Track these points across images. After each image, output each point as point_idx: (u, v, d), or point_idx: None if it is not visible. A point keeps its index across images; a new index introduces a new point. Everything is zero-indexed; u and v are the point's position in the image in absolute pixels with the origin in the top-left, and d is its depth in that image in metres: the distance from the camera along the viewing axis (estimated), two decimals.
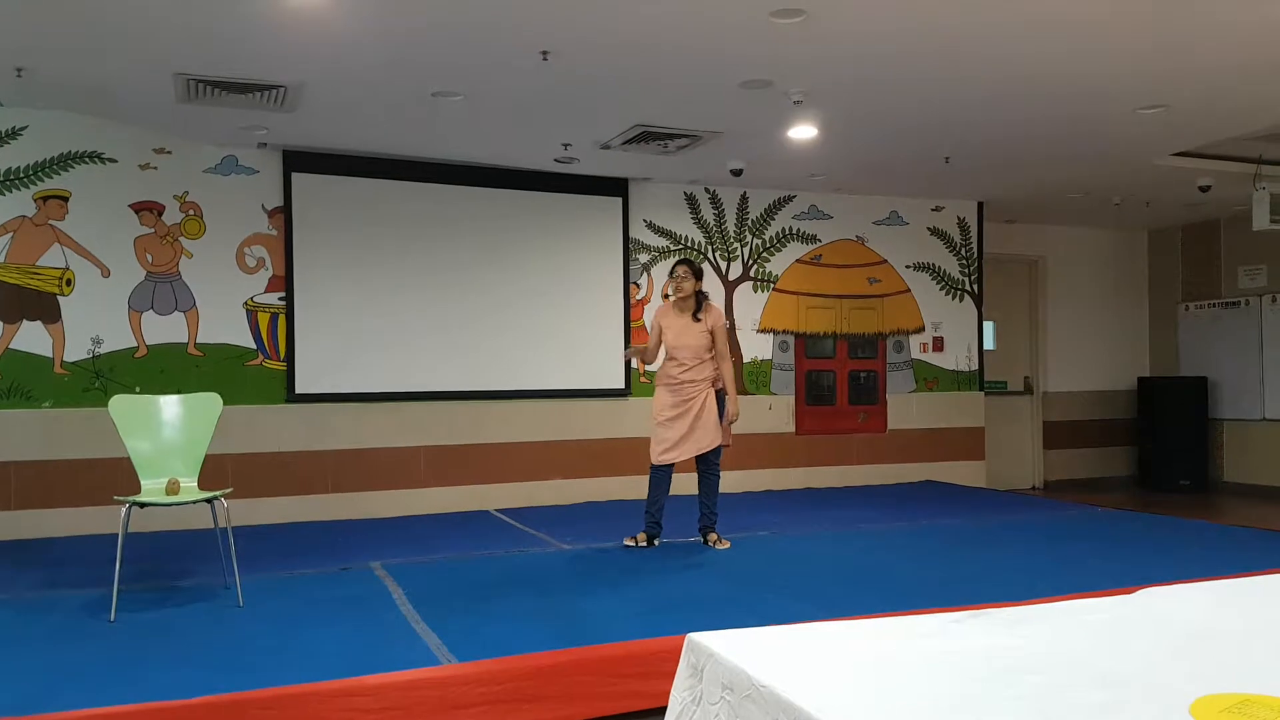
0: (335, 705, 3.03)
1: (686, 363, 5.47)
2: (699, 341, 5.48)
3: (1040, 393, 9.82)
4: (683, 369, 5.48)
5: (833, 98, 5.65)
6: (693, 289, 5.55)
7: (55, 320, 6.14)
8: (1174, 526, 6.39)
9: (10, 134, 6.01)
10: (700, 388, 5.47)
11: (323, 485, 6.75)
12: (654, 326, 5.68)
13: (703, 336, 5.49)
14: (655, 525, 5.58)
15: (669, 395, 5.49)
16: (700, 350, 5.48)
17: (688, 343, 5.49)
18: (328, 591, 4.43)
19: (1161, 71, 5.21)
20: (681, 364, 5.48)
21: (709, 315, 5.55)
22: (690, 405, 5.45)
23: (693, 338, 5.49)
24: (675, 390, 5.48)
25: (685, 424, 5.44)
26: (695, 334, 5.50)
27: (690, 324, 5.53)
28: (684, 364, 5.47)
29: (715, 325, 5.53)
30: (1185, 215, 9.39)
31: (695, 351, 5.48)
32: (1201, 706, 1.81)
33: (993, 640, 2.33)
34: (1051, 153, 6.94)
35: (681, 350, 5.50)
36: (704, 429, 5.45)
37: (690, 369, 5.47)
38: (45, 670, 3.27)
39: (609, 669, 3.38)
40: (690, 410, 5.44)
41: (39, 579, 4.76)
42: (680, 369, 5.48)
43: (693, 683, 2.33)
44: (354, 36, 4.64)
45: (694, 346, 5.48)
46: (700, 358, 5.48)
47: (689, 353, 5.48)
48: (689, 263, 5.62)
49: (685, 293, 5.54)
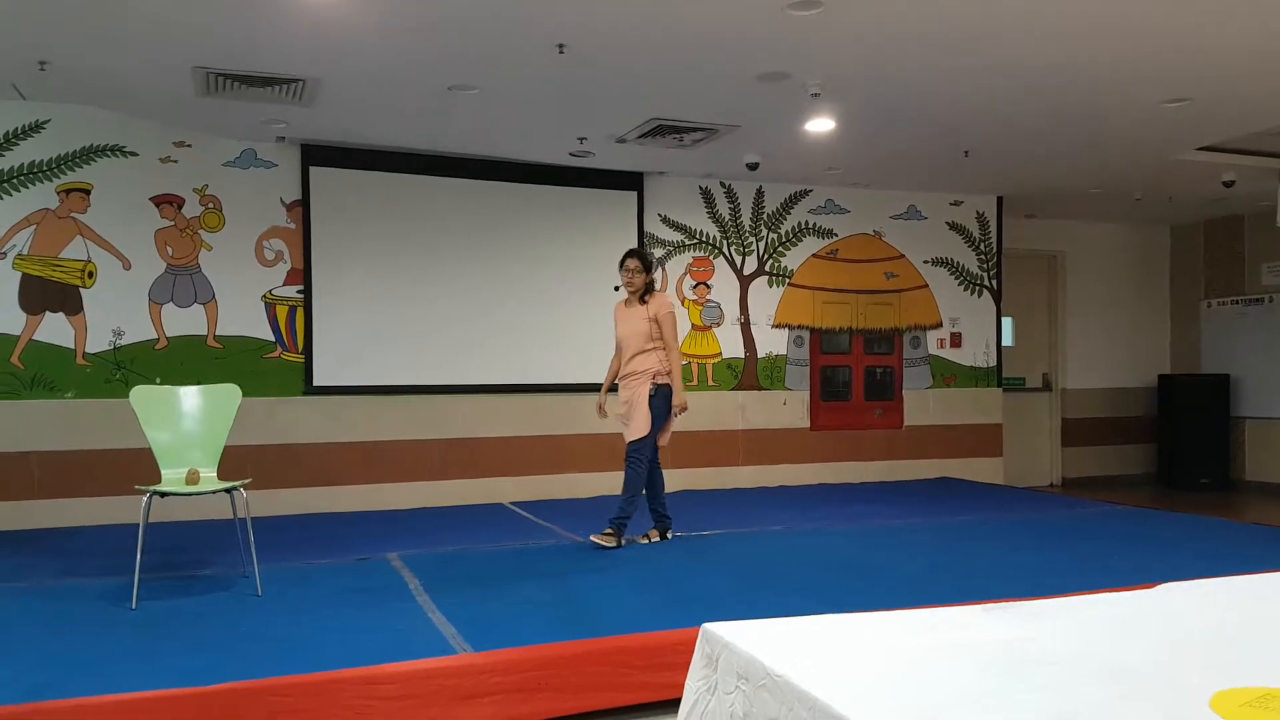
0: (353, 693, 3.04)
1: (628, 352, 5.34)
2: (642, 329, 5.31)
3: (1059, 389, 9.76)
4: (625, 360, 5.36)
5: (850, 90, 5.63)
6: (643, 283, 5.37)
7: (77, 312, 6.19)
8: (1194, 524, 6.33)
9: (33, 127, 6.06)
10: (640, 380, 5.31)
11: (340, 477, 6.78)
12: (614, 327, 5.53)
13: (645, 323, 5.31)
14: (664, 518, 5.54)
15: (622, 390, 5.40)
16: (642, 339, 5.30)
17: (630, 330, 5.34)
18: (345, 581, 4.45)
19: (1185, 65, 5.16)
20: (625, 356, 5.36)
21: (654, 302, 5.37)
22: (629, 398, 5.34)
23: (635, 324, 5.33)
24: (624, 384, 5.38)
25: (627, 418, 5.36)
26: (637, 320, 5.33)
27: (635, 311, 5.36)
28: (626, 355, 5.34)
29: (659, 313, 5.32)
30: (1208, 210, 9.30)
31: (638, 340, 5.31)
32: (1222, 700, 1.80)
33: (1010, 633, 2.32)
34: (1072, 147, 6.89)
35: (625, 339, 5.36)
36: (632, 422, 5.32)
37: (631, 359, 5.33)
38: (68, 656, 3.30)
39: (622, 660, 3.38)
40: (629, 403, 5.35)
41: (61, 567, 4.81)
42: (623, 361, 5.38)
43: (708, 673, 2.33)
44: (371, 30, 4.66)
45: (637, 334, 5.31)
46: (642, 347, 5.30)
47: (632, 341, 5.32)
48: (639, 255, 5.46)
49: (636, 287, 5.37)
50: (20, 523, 5.95)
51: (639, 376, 5.31)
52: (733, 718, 2.17)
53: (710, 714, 2.29)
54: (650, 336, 5.31)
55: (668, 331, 5.34)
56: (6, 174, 6.03)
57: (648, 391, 5.29)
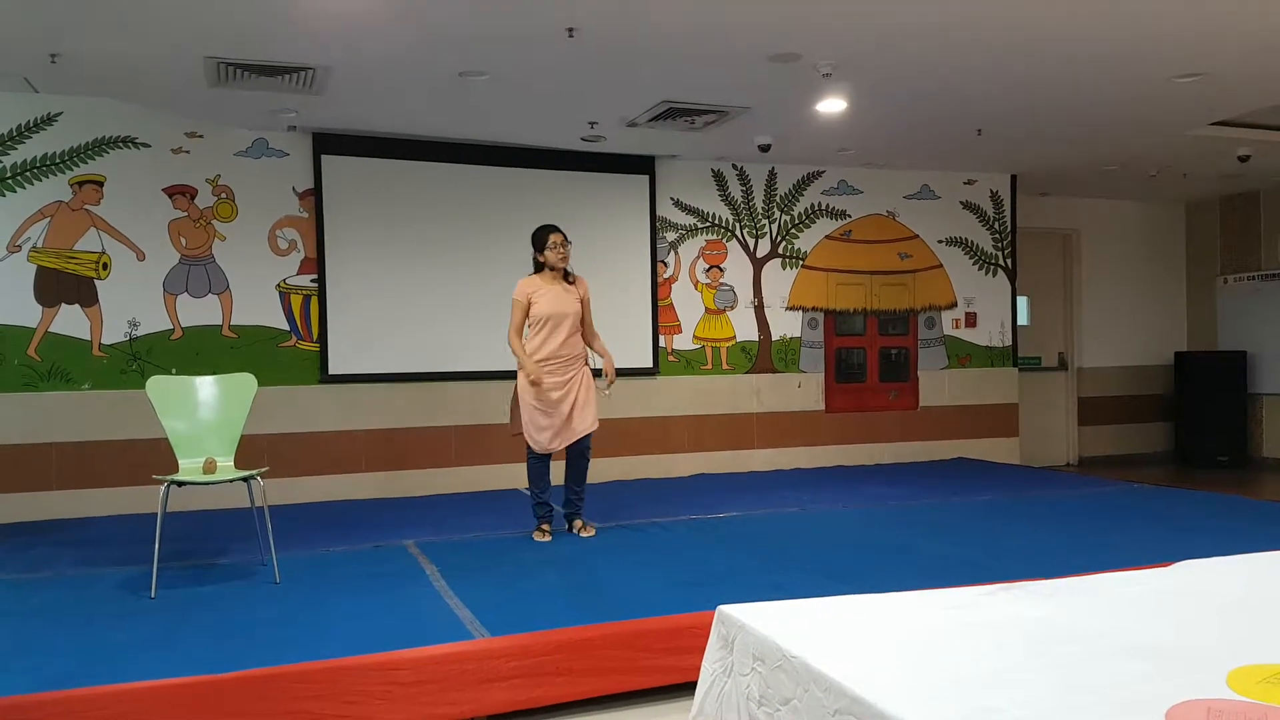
0: (372, 679, 3.07)
1: (564, 334, 5.03)
2: (574, 309, 5.06)
3: (1075, 368, 9.71)
4: (561, 342, 5.02)
5: (862, 69, 5.59)
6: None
7: (93, 303, 6.22)
8: (1211, 502, 6.30)
9: (46, 120, 6.09)
10: (579, 364, 5.10)
11: (356, 464, 6.81)
12: (518, 304, 5.05)
13: (577, 304, 5.09)
14: (549, 508, 5.23)
15: (549, 375, 5.00)
16: (577, 321, 5.08)
17: (564, 310, 5.03)
18: (362, 568, 4.48)
19: (1198, 39, 5.10)
20: (561, 337, 5.02)
21: (580, 283, 5.15)
22: (572, 384, 5.06)
23: (568, 304, 5.05)
24: (559, 368, 5.04)
25: (567, 406, 5.05)
26: (570, 300, 5.06)
27: (565, 291, 5.08)
28: (563, 336, 5.02)
29: (587, 295, 5.15)
30: (1224, 186, 9.22)
31: (573, 321, 5.05)
32: (1239, 676, 1.79)
33: (1027, 612, 2.31)
34: (1086, 124, 6.83)
35: (561, 320, 5.01)
36: (589, 410, 5.11)
37: (568, 342, 5.04)
38: (88, 645, 3.33)
39: (639, 643, 3.40)
40: (572, 391, 5.06)
41: (80, 557, 4.84)
42: (560, 342, 5.02)
43: (723, 654, 2.34)
44: (381, 17, 4.65)
45: (573, 315, 5.05)
46: (575, 328, 5.07)
47: (567, 322, 5.03)
48: (559, 229, 5.16)
49: (567, 259, 5.11)
50: (39, 514, 6.01)
51: (576, 360, 5.10)
52: (748, 699, 2.18)
53: (726, 695, 2.30)
54: (579, 319, 5.11)
55: (590, 315, 5.19)
56: (20, 167, 6.06)
57: (593, 378, 5.17)
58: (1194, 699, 1.71)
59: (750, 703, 2.17)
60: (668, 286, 7.75)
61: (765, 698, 2.11)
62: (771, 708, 2.08)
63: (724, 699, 2.30)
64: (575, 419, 5.09)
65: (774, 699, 2.08)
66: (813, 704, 1.92)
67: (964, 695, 1.77)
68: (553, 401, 5.02)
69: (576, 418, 5.09)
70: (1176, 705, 1.68)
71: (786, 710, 2.02)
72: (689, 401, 7.76)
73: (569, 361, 5.08)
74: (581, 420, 5.10)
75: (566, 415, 5.06)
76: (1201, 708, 1.67)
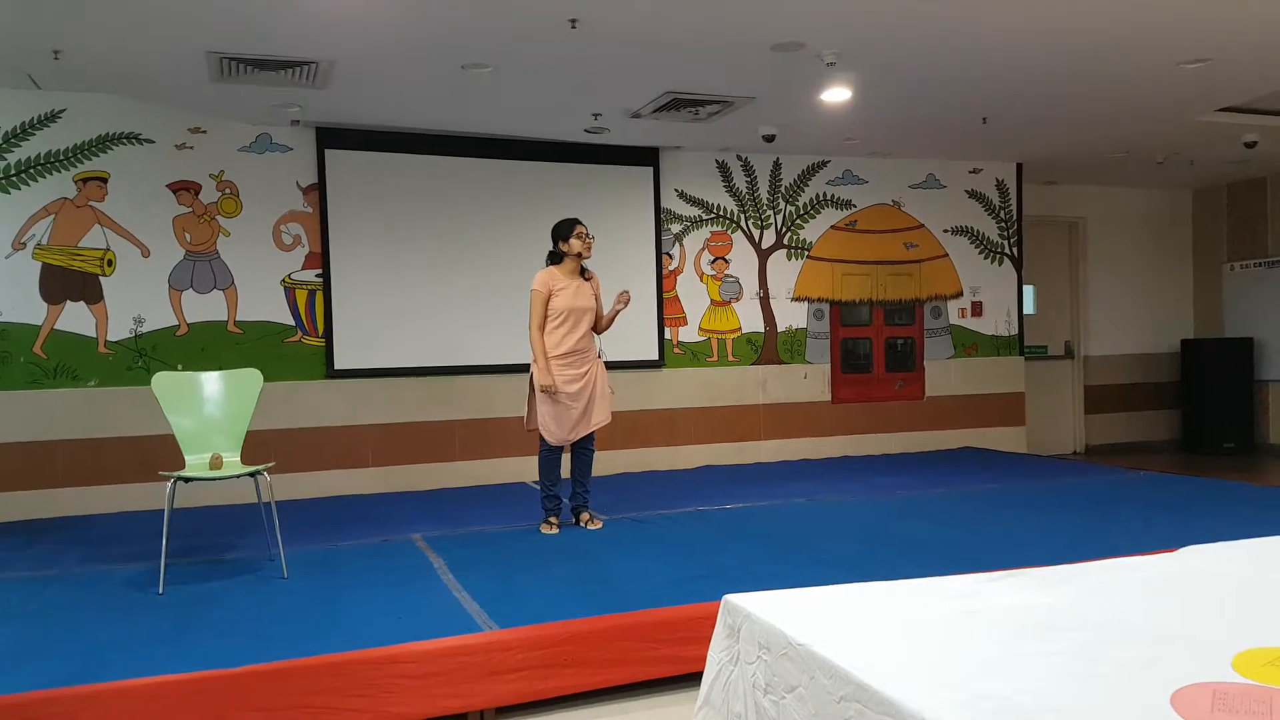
0: (381, 672, 3.08)
1: (584, 329, 5.08)
2: (591, 305, 5.11)
3: (1081, 356, 9.69)
4: (580, 336, 5.06)
5: (866, 58, 5.57)
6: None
7: (98, 300, 6.24)
8: (1218, 489, 6.28)
9: (50, 117, 6.10)
10: (592, 358, 5.13)
11: (362, 459, 6.83)
12: (538, 295, 5.04)
13: (593, 300, 5.14)
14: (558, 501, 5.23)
15: (569, 368, 5.03)
16: (594, 316, 5.14)
17: (583, 305, 5.08)
18: (370, 562, 4.49)
19: (1204, 24, 5.07)
20: (581, 331, 5.06)
21: (595, 279, 5.21)
22: (589, 377, 5.10)
23: (586, 300, 5.10)
24: (577, 361, 5.06)
25: (584, 399, 5.08)
26: (587, 296, 5.11)
27: (582, 286, 5.12)
28: (583, 330, 5.07)
29: (599, 291, 5.20)
30: (1230, 172, 9.18)
31: (591, 318, 5.12)
32: (1244, 660, 1.79)
33: (1033, 599, 2.31)
34: (1092, 111, 6.80)
35: (580, 315, 5.06)
36: (605, 403, 5.16)
37: (586, 335, 5.08)
38: (97, 641, 3.35)
39: (646, 635, 3.40)
40: (589, 384, 5.09)
41: (87, 554, 4.86)
42: (579, 337, 5.05)
43: (730, 643, 2.34)
44: (383, 10, 4.64)
45: (591, 311, 5.11)
46: (591, 323, 5.14)
47: (586, 317, 5.09)
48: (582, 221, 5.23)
49: (590, 251, 5.14)
50: (46, 511, 6.03)
51: (591, 353, 5.14)
52: (755, 687, 2.18)
53: (733, 684, 2.30)
54: (595, 315, 5.16)
55: (602, 309, 5.24)
56: (24, 164, 6.07)
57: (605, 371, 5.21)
58: (1200, 682, 1.71)
59: (756, 691, 2.17)
60: (673, 278, 7.75)
61: (771, 685, 2.12)
62: (777, 695, 2.08)
63: (730, 687, 2.31)
64: (592, 411, 5.14)
65: (780, 687, 2.08)
66: (818, 691, 1.92)
67: (969, 682, 1.77)
68: (571, 395, 5.06)
69: (594, 410, 5.14)
70: (1182, 688, 1.68)
71: (792, 698, 2.02)
72: (695, 393, 7.76)
73: (586, 355, 5.12)
74: (599, 413, 5.17)
75: (584, 408, 5.10)
76: (1207, 691, 1.67)
